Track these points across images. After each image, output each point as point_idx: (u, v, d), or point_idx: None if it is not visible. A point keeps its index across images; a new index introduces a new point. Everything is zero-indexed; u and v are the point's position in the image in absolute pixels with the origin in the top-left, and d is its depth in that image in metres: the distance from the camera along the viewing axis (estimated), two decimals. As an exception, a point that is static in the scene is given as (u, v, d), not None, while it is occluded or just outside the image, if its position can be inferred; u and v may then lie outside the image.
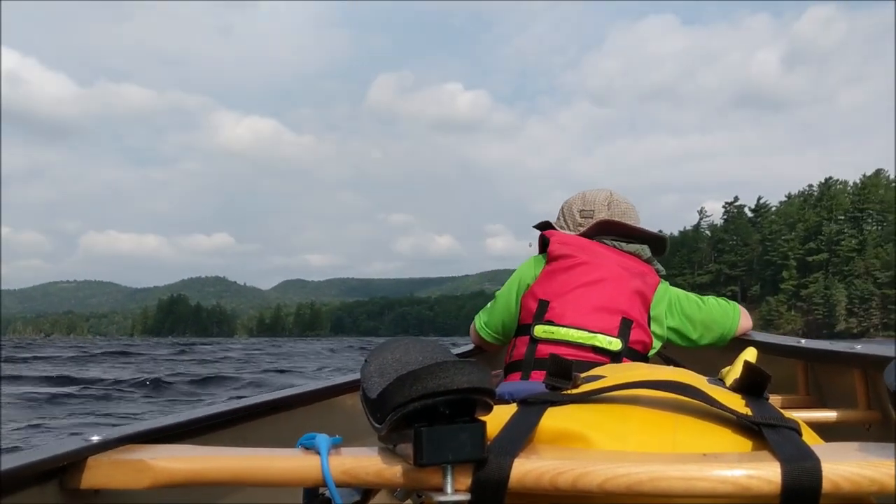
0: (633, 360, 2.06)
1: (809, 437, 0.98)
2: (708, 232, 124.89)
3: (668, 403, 1.03)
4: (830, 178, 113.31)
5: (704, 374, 1.21)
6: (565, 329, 2.07)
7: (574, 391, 1.11)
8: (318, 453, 1.00)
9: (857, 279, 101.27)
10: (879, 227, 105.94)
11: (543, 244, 2.33)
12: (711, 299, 2.36)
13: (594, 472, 0.88)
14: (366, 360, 1.09)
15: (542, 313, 2.13)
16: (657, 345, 2.20)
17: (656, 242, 2.40)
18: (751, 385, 1.09)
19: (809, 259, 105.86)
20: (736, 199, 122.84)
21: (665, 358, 2.51)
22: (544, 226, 2.48)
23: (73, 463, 1.04)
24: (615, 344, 2.04)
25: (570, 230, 2.40)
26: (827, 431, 1.16)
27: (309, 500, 1.17)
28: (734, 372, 1.18)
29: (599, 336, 2.04)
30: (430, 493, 0.93)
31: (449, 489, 0.90)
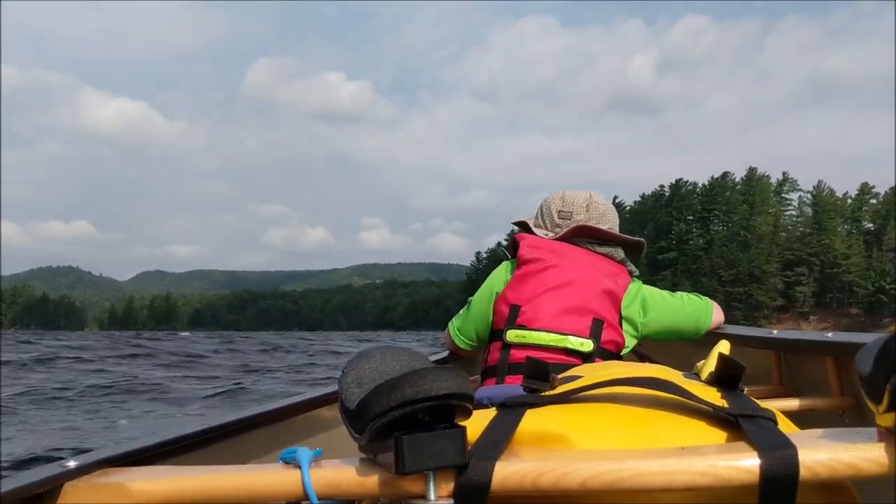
0: (606, 360, 2.08)
1: (785, 426, 0.99)
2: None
3: (646, 399, 1.05)
4: (681, 179, 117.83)
5: (679, 369, 1.23)
6: (536, 333, 2.09)
7: (552, 392, 1.12)
8: (299, 467, 0.99)
9: (703, 277, 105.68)
10: (725, 227, 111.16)
11: (514, 248, 2.33)
12: (683, 295, 2.39)
13: (575, 471, 0.89)
14: (343, 371, 1.09)
15: (513, 318, 2.15)
16: (630, 343, 2.22)
17: (633, 247, 2.42)
18: (726, 377, 1.11)
19: (660, 257, 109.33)
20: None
21: (639, 355, 2.57)
22: (523, 225, 2.49)
23: (49, 490, 1.03)
24: (587, 345, 2.06)
25: (547, 230, 2.42)
26: (802, 420, 1.18)
27: None
28: (709, 365, 1.19)
29: (571, 338, 2.07)
30: (414, 501, 0.93)
31: (432, 496, 0.91)
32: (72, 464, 1.07)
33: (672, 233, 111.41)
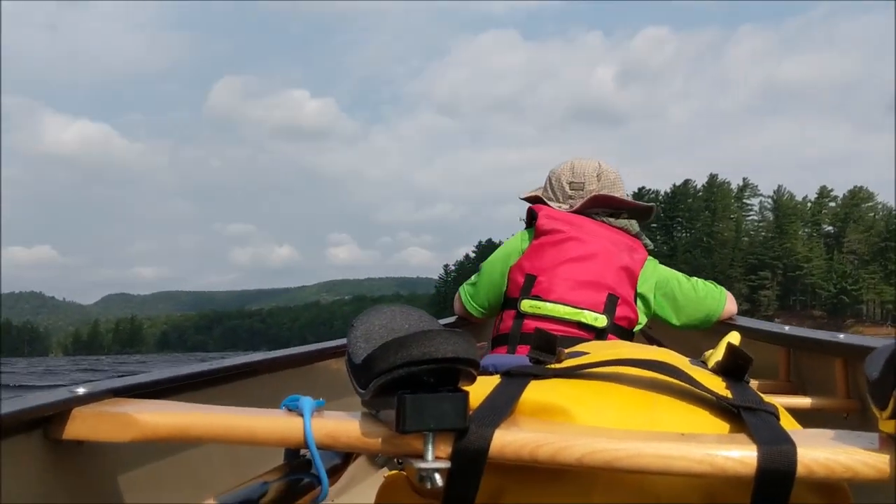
0: (619, 336, 2.10)
1: (787, 423, 1.00)
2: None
3: (649, 382, 1.05)
4: (643, 187, 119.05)
5: (687, 356, 1.23)
6: (552, 304, 2.09)
7: (557, 366, 1.12)
8: (302, 415, 1.00)
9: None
10: (688, 234, 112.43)
11: (531, 218, 2.31)
12: (699, 281, 2.38)
13: (573, 446, 0.89)
14: (352, 325, 1.09)
15: (528, 288, 2.14)
16: (643, 321, 2.23)
17: (643, 212, 2.42)
18: (733, 368, 1.11)
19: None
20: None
21: (648, 337, 2.60)
22: (534, 199, 2.46)
23: (58, 413, 1.04)
24: (601, 320, 2.07)
25: (559, 202, 2.39)
26: (805, 418, 1.19)
27: (290, 462, 1.18)
28: (717, 355, 1.19)
29: (585, 312, 2.07)
30: (411, 460, 0.94)
31: (429, 456, 0.91)
32: (81, 390, 1.08)
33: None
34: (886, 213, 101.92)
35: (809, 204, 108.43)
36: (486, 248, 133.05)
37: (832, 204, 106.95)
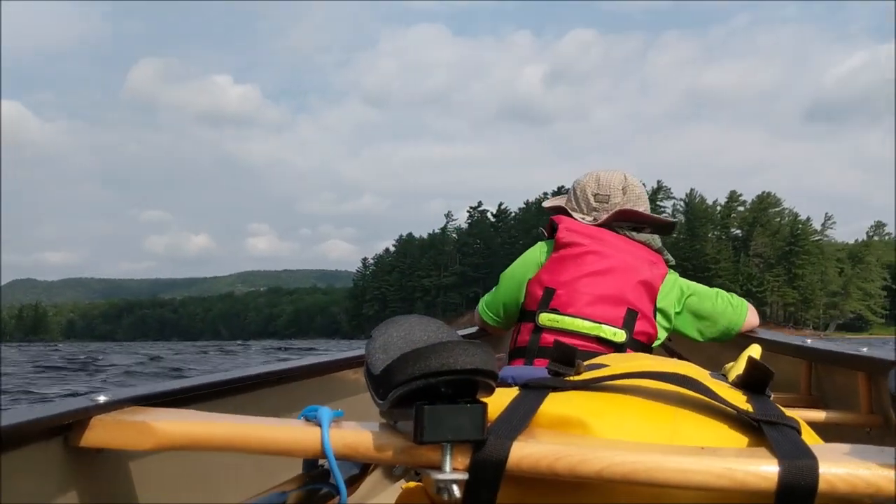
0: (637, 351, 2.08)
1: (809, 437, 0.99)
2: (454, 235, 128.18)
3: (669, 395, 1.04)
4: (563, 187, 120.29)
5: (707, 369, 1.22)
6: (570, 318, 2.08)
7: (576, 378, 1.11)
8: (320, 426, 1.01)
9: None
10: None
11: (551, 230, 2.30)
12: (720, 293, 2.34)
13: (593, 459, 0.89)
14: (371, 336, 1.10)
15: (547, 301, 2.13)
16: (662, 336, 2.21)
17: (665, 227, 2.40)
18: (753, 382, 1.10)
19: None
20: (479, 203, 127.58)
21: (669, 350, 2.57)
22: (555, 209, 2.45)
23: (78, 421, 1.05)
24: (619, 335, 2.06)
25: (583, 213, 2.38)
26: (827, 432, 1.17)
27: (308, 472, 1.19)
28: (737, 368, 1.18)
29: (604, 327, 2.06)
30: (429, 471, 0.94)
31: (447, 468, 0.91)
32: (102, 398, 1.09)
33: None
34: (792, 218, 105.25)
35: (719, 208, 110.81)
36: (407, 243, 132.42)
37: (741, 208, 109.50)
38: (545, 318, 2.10)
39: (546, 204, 2.55)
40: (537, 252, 2.29)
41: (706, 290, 2.31)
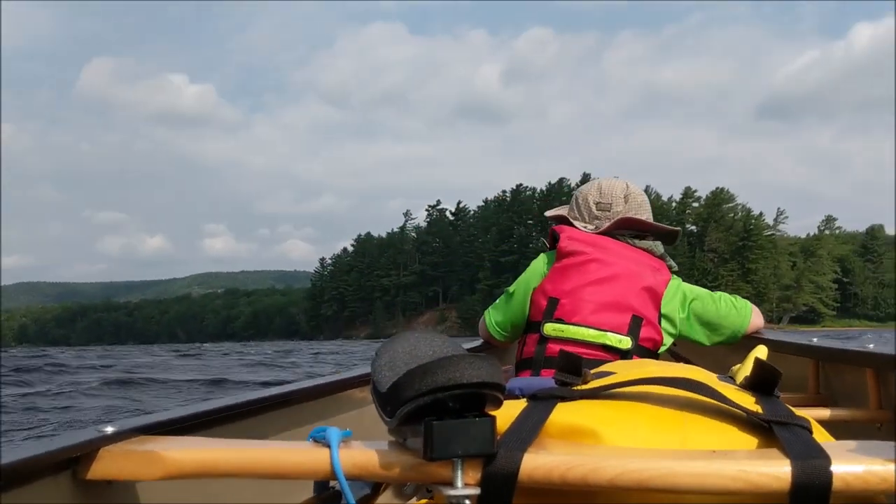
0: (643, 357, 2.08)
1: (820, 436, 0.99)
2: (413, 234, 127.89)
3: (678, 400, 1.04)
4: (521, 185, 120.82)
5: (715, 372, 1.22)
6: (575, 327, 2.08)
7: (584, 387, 1.11)
8: (329, 447, 1.00)
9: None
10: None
11: (553, 240, 2.31)
12: (724, 295, 2.36)
13: (604, 467, 0.88)
14: (376, 354, 1.09)
15: (551, 311, 2.13)
16: (668, 342, 2.21)
17: (668, 234, 2.41)
18: (762, 383, 1.10)
19: (502, 260, 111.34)
20: (438, 202, 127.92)
21: (675, 355, 2.58)
22: (558, 219, 2.46)
23: (86, 454, 1.04)
24: (625, 342, 2.06)
25: (585, 222, 2.39)
26: (837, 430, 1.17)
27: (319, 494, 1.18)
28: (745, 369, 1.18)
29: (609, 334, 2.06)
30: (440, 487, 0.94)
31: (459, 483, 0.91)
32: (109, 429, 1.08)
33: (513, 236, 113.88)
34: (745, 213, 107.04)
35: (674, 204, 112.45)
36: (365, 242, 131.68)
37: (695, 204, 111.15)
38: (550, 329, 2.09)
39: (548, 213, 2.53)
40: (541, 263, 2.29)
41: (710, 294, 2.31)
